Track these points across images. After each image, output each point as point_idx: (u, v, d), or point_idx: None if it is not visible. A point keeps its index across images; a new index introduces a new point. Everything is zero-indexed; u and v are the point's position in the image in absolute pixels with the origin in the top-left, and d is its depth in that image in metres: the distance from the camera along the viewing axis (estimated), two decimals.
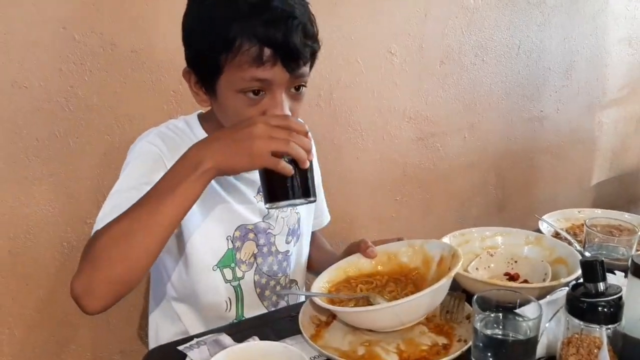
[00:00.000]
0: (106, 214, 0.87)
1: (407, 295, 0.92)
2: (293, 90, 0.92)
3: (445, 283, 0.86)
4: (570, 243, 1.15)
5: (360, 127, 1.89)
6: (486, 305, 0.77)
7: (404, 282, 0.99)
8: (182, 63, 1.47)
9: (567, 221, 1.31)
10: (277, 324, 0.95)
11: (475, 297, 0.77)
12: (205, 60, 0.91)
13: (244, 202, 1.06)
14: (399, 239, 1.06)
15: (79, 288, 0.80)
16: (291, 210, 1.13)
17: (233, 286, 1.08)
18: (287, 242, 1.13)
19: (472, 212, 2.28)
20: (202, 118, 1.06)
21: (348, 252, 1.06)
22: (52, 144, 1.35)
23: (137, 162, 0.96)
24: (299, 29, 0.87)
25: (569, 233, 1.23)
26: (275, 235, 1.11)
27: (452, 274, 0.87)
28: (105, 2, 1.34)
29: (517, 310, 0.77)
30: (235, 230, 1.05)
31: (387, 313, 0.84)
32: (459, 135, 2.15)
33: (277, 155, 0.79)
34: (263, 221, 1.09)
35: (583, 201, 2.65)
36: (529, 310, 0.76)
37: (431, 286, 0.83)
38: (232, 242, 1.05)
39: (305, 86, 0.94)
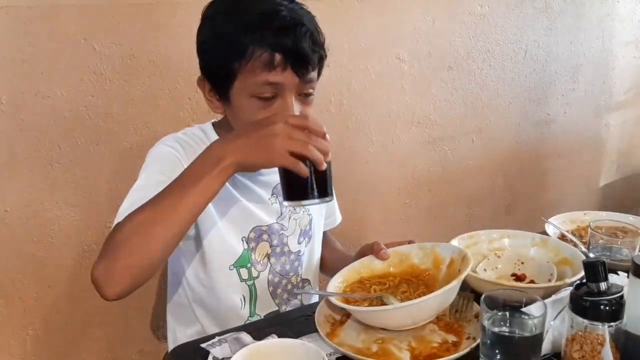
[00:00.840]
0: (126, 209, 0.89)
1: (419, 296, 0.96)
2: (302, 96, 0.98)
3: (455, 285, 0.89)
4: (575, 245, 1.18)
5: (370, 132, 1.92)
6: (493, 304, 0.81)
7: (416, 283, 1.02)
8: (196, 72, 1.52)
9: (572, 223, 1.34)
10: (294, 323, 0.99)
11: (483, 296, 0.80)
12: (219, 69, 0.96)
13: (258, 203, 1.10)
14: (410, 242, 1.09)
15: (99, 273, 0.81)
16: (303, 211, 1.17)
17: (248, 285, 1.12)
18: (299, 243, 1.17)
19: (480, 215, 2.31)
20: (216, 126, 1.11)
21: (361, 253, 1.10)
22: (73, 151, 1.40)
23: (156, 162, 1.01)
24: (307, 36, 0.93)
25: (574, 235, 1.26)
26: (288, 236, 1.14)
27: (463, 276, 0.90)
28: (124, 14, 1.39)
29: (523, 309, 0.81)
30: (250, 231, 1.09)
31: (400, 313, 0.88)
32: (467, 139, 2.18)
33: (294, 155, 0.81)
34: (277, 222, 1.12)
35: (590, 203, 2.67)
36: (534, 309, 0.80)
37: (442, 288, 0.87)
38: (247, 242, 1.09)
39: (313, 93, 0.99)
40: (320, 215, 1.26)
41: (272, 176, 1.10)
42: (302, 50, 0.92)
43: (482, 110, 2.19)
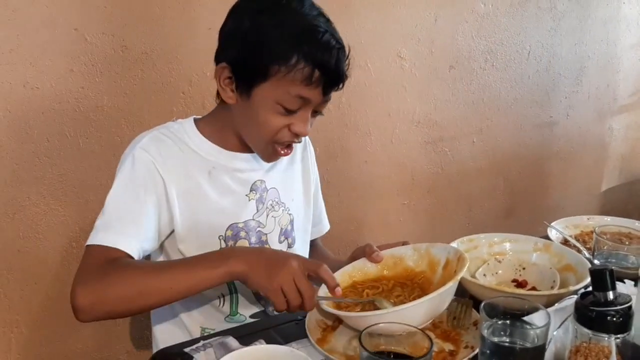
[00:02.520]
0: (106, 224, 0.95)
1: (414, 299, 0.91)
2: (315, 113, 1.00)
3: (451, 287, 0.85)
4: (579, 250, 1.14)
5: (369, 131, 1.89)
6: (493, 312, 0.77)
7: (411, 286, 0.98)
8: (192, 66, 1.49)
9: (576, 228, 1.30)
10: (283, 328, 0.95)
11: (482, 304, 0.76)
12: (254, 65, 0.95)
13: (235, 200, 1.07)
14: (404, 243, 1.06)
15: (82, 302, 0.85)
16: (283, 210, 1.14)
17: (227, 285, 1.08)
18: (280, 242, 1.14)
19: (480, 217, 2.27)
20: (198, 122, 1.09)
21: (353, 257, 1.06)
22: (62, 144, 1.36)
23: (131, 170, 0.99)
24: (346, 60, 0.98)
25: (577, 240, 1.22)
26: (267, 234, 1.11)
27: (459, 277, 0.86)
28: (116, 4, 1.35)
29: (525, 318, 0.77)
30: (227, 229, 1.06)
31: (392, 317, 0.83)
32: (467, 140, 2.14)
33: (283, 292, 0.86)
34: (253, 219, 1.09)
35: (592, 207, 2.64)
36: (537, 318, 0.76)
37: (437, 290, 0.83)
38: (224, 241, 1.06)
39: (322, 114, 1.03)
40: (306, 219, 1.23)
41: (251, 173, 1.09)
42: (341, 73, 0.96)
43: (483, 111, 2.15)
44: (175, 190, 1.01)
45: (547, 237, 1.22)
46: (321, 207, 1.31)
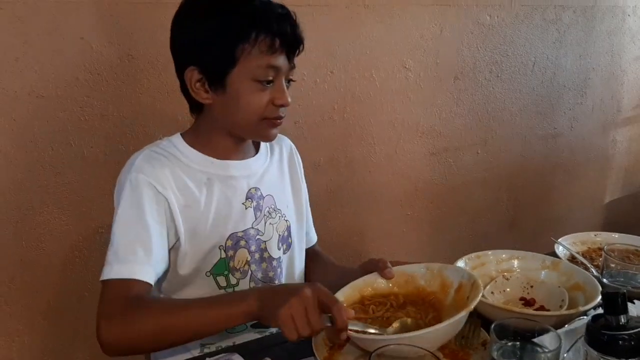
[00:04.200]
0: (117, 255, 0.95)
1: (430, 321, 0.90)
2: (287, 82, 1.04)
3: (463, 316, 0.84)
4: (586, 267, 1.13)
5: (373, 141, 1.88)
6: (504, 333, 0.76)
7: (423, 305, 0.96)
8: None
9: (583, 244, 1.29)
10: (289, 345, 0.92)
11: (493, 325, 0.76)
12: (219, 56, 0.98)
13: (233, 210, 1.07)
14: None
15: (107, 340, 0.89)
16: (280, 217, 1.14)
17: (227, 292, 1.07)
18: (279, 249, 1.14)
19: (483, 229, 2.26)
20: (185, 136, 1.09)
21: (365, 269, 1.04)
22: (66, 152, 1.36)
23: (131, 196, 0.99)
24: (298, 25, 1.02)
25: (585, 257, 1.21)
26: (265, 241, 1.11)
27: (472, 306, 0.84)
28: (123, 14, 1.34)
29: (535, 340, 0.76)
30: (227, 239, 1.06)
31: (405, 342, 0.82)
32: (471, 151, 2.14)
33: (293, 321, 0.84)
34: (252, 227, 1.09)
35: (595, 220, 2.63)
36: (547, 341, 0.75)
37: (450, 319, 0.81)
38: (224, 251, 1.06)
39: (294, 80, 1.07)
40: (300, 225, 1.23)
41: (245, 180, 1.10)
42: (298, 36, 1.02)
43: (487, 122, 2.15)
44: (177, 205, 1.01)
45: (553, 253, 1.20)
46: (309, 218, 1.30)
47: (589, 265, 1.15)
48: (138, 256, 0.95)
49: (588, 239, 1.31)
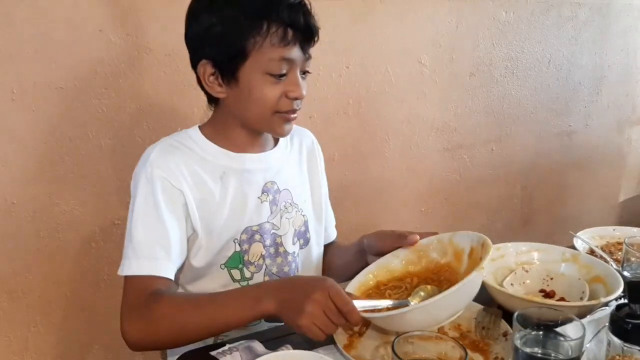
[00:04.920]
0: (136, 251, 0.95)
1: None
2: (303, 74, 1.01)
3: (475, 276, 0.82)
4: (605, 261, 1.12)
5: (387, 136, 1.88)
6: (527, 322, 0.75)
7: (437, 281, 0.96)
8: None
9: (601, 239, 1.28)
10: None
11: (515, 314, 0.75)
12: (230, 49, 0.96)
13: (248, 203, 1.06)
14: (433, 234, 1.04)
15: (131, 337, 0.90)
16: (296, 211, 1.13)
17: (241, 285, 1.07)
18: (294, 244, 1.13)
19: (497, 226, 2.25)
20: (203, 129, 1.09)
21: (382, 244, 1.05)
22: (84, 144, 1.36)
23: (147, 191, 0.99)
24: (311, 14, 0.99)
25: (604, 251, 1.20)
26: (281, 235, 1.10)
27: (483, 264, 0.84)
28: (141, 6, 1.35)
29: (558, 329, 0.75)
30: (242, 233, 1.05)
31: (420, 313, 0.81)
32: (486, 147, 2.13)
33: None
34: (268, 221, 1.08)
35: (610, 218, 2.61)
36: (571, 330, 0.74)
37: (461, 281, 0.80)
38: (239, 244, 1.05)
39: (310, 72, 1.03)
40: (319, 220, 1.21)
41: (262, 174, 1.08)
42: (312, 26, 0.98)
43: (502, 119, 2.14)
44: (192, 198, 1.00)
45: (572, 247, 1.20)
46: (330, 213, 1.29)
47: (608, 258, 1.14)
48: (157, 253, 0.95)
49: (607, 233, 1.30)
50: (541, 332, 0.75)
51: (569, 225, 2.26)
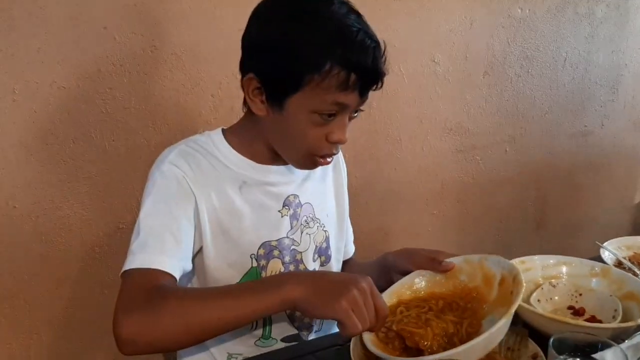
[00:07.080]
0: (142, 245, 0.88)
1: (466, 330, 0.85)
2: (354, 112, 0.94)
3: (504, 323, 0.77)
4: (634, 274, 1.07)
5: (399, 137, 1.82)
6: (563, 348, 0.70)
7: (462, 308, 0.90)
8: (221, 68, 1.43)
9: (629, 249, 1.22)
10: (322, 354, 0.88)
11: (551, 339, 0.70)
12: (284, 76, 0.88)
13: (268, 217, 1.01)
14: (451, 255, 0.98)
15: (125, 333, 0.78)
16: (318, 226, 1.08)
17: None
18: (314, 260, 1.07)
19: (510, 228, 2.20)
20: (227, 132, 1.03)
21: (410, 258, 1.00)
22: (88, 145, 1.31)
23: (161, 186, 0.94)
24: (383, 57, 0.90)
25: (632, 262, 1.15)
26: (301, 252, 1.05)
27: (512, 310, 0.78)
28: (147, 3, 1.30)
29: (596, 355, 0.70)
30: (260, 248, 1.00)
31: None
32: (499, 148, 2.07)
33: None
34: (287, 237, 1.03)
35: (624, 221, 2.56)
36: (610, 357, 0.69)
37: (486, 332, 0.75)
38: (256, 260, 1.00)
39: (363, 110, 0.97)
40: (340, 237, 1.16)
41: (284, 187, 1.03)
42: (378, 71, 0.89)
43: (516, 119, 2.08)
44: (206, 206, 0.95)
45: (599, 259, 1.14)
46: (349, 230, 1.23)
47: (637, 271, 1.09)
48: (164, 246, 0.88)
49: (634, 243, 1.24)
50: (578, 359, 0.70)
51: (583, 229, 2.21)
